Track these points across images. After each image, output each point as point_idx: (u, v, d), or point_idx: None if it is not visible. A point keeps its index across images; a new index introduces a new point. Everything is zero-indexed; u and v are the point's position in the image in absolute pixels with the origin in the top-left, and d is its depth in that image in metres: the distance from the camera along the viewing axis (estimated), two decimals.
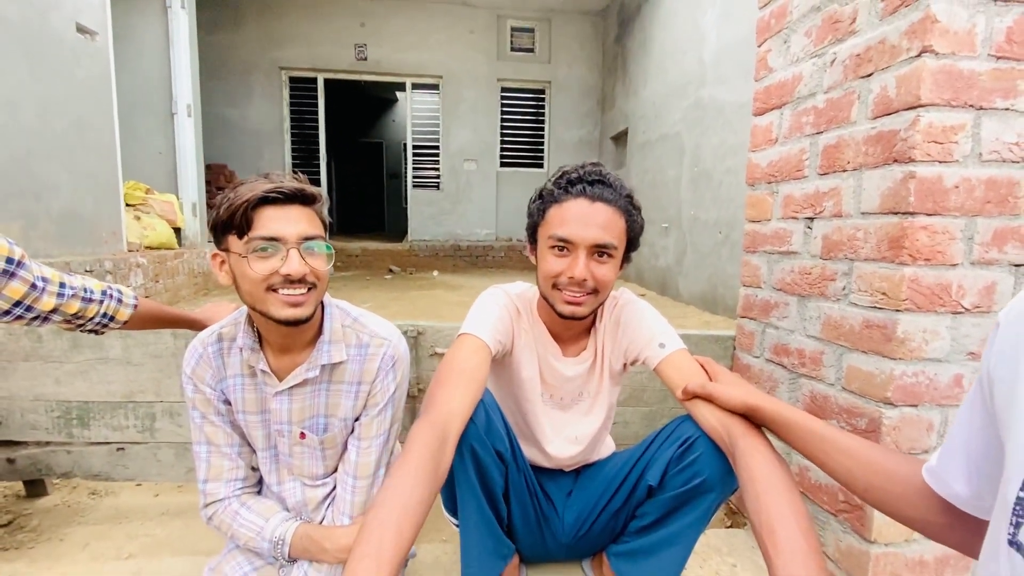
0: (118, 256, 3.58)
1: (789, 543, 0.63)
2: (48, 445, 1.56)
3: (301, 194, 0.84)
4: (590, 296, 0.96)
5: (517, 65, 7.91)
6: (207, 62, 6.36)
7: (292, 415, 0.94)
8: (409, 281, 6.41)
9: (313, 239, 0.84)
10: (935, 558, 1.07)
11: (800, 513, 0.67)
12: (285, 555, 0.93)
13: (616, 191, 0.96)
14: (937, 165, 0.95)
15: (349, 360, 0.93)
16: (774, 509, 0.67)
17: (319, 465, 0.98)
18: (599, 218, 0.93)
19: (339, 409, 0.95)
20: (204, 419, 0.95)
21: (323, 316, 0.94)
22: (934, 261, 0.97)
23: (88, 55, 3.46)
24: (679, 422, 0.98)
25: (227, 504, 0.95)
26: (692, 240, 4.79)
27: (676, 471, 0.94)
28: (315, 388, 0.93)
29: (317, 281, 0.85)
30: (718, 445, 0.87)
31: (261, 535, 0.93)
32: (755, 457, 0.75)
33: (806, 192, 1.23)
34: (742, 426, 0.82)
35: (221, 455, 0.96)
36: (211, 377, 0.94)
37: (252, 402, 0.95)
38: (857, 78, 1.07)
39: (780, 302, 1.32)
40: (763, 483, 0.70)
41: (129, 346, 1.50)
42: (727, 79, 4.19)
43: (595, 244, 0.93)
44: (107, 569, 1.30)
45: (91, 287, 1.11)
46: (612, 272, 0.96)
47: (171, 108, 4.97)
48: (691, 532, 0.98)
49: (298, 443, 0.95)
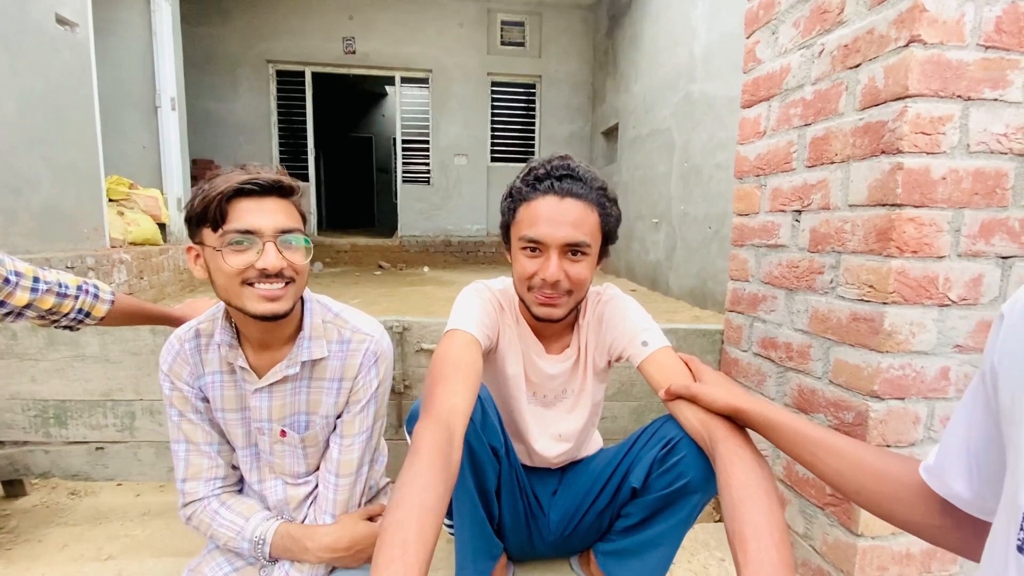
0: (100, 252, 3.52)
1: (759, 554, 0.61)
2: (25, 444, 1.52)
3: (278, 186, 0.82)
4: (565, 297, 0.93)
5: (507, 59, 7.87)
6: (192, 55, 6.26)
7: (272, 412, 0.92)
8: (399, 277, 6.37)
9: (291, 232, 0.82)
10: (921, 551, 1.07)
11: (775, 524, 0.64)
12: (266, 555, 0.91)
13: (586, 184, 0.91)
14: (925, 156, 0.94)
15: (330, 356, 0.91)
16: (748, 518, 0.65)
17: (300, 463, 0.96)
18: (570, 216, 0.89)
19: (320, 407, 0.93)
20: (182, 417, 0.93)
21: (303, 312, 0.91)
22: (921, 253, 0.97)
23: (69, 47, 3.39)
24: (662, 422, 0.97)
25: (206, 503, 0.93)
26: (682, 235, 4.80)
27: (659, 473, 0.92)
28: (296, 385, 0.91)
29: (295, 275, 0.83)
30: (701, 447, 0.85)
31: (241, 535, 0.91)
32: (734, 463, 0.72)
33: (794, 185, 1.22)
34: (724, 429, 0.79)
35: (200, 454, 0.94)
36: (188, 374, 0.92)
37: (231, 399, 0.93)
38: (845, 69, 1.06)
39: (768, 295, 1.32)
40: (739, 491, 0.68)
41: (107, 343, 1.47)
42: (717, 73, 4.19)
43: (567, 243, 0.90)
44: (87, 570, 1.27)
45: (66, 282, 1.07)
46: (587, 270, 0.93)
47: (155, 101, 4.89)
48: (676, 532, 0.97)
49: (279, 441, 0.93)
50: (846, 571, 1.08)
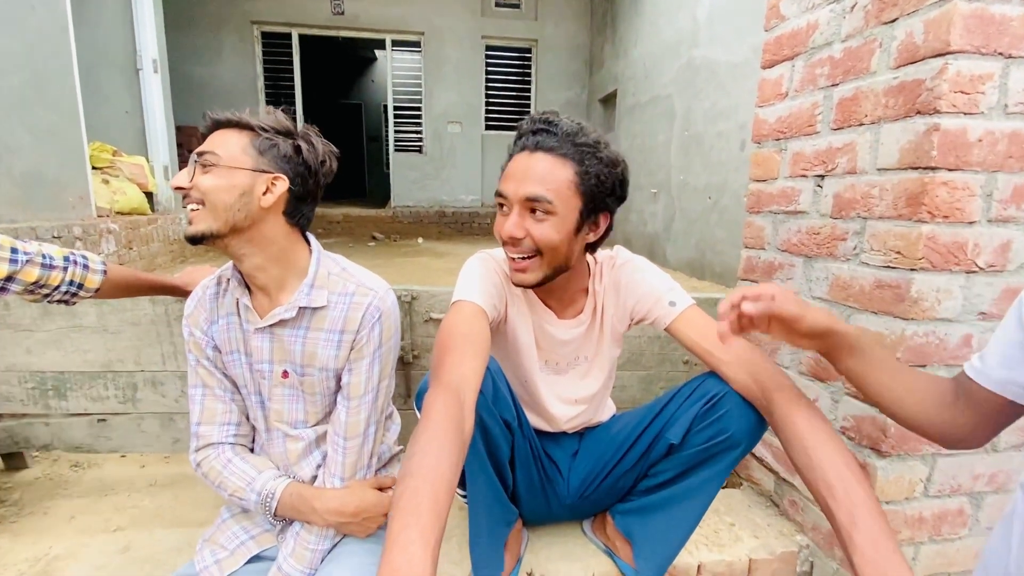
0: (87, 222, 3.41)
1: (848, 496, 0.64)
2: (24, 417, 1.49)
3: (225, 121, 0.86)
4: (535, 260, 0.89)
5: (502, 22, 7.61)
6: (173, 15, 5.97)
7: (273, 354, 0.92)
8: (393, 248, 6.29)
9: (204, 154, 0.84)
10: (933, 515, 1.09)
11: (851, 463, 0.69)
12: (272, 510, 0.91)
13: (560, 138, 0.85)
14: (962, 117, 0.91)
15: (331, 307, 0.90)
16: (827, 462, 0.69)
17: (299, 408, 0.95)
18: (535, 170, 0.85)
19: (316, 359, 0.91)
20: (198, 362, 0.96)
21: (310, 260, 0.92)
22: (952, 218, 0.94)
23: (43, 4, 3.20)
24: (702, 379, 0.95)
25: (220, 450, 0.94)
26: (681, 206, 4.75)
27: (701, 427, 0.92)
28: (293, 332, 0.91)
29: (202, 197, 0.83)
30: (751, 402, 0.86)
31: (251, 486, 0.91)
32: (798, 410, 0.75)
33: (817, 148, 1.18)
34: (779, 378, 0.81)
35: (215, 398, 0.96)
36: (204, 320, 0.94)
37: (237, 341, 0.94)
38: (880, 24, 1.01)
39: (785, 263, 1.30)
40: (810, 437, 0.72)
41: (104, 313, 1.42)
42: (721, 38, 4.07)
43: (526, 197, 0.85)
44: (95, 542, 1.26)
45: (50, 253, 1.02)
46: (553, 231, 0.86)
47: (136, 63, 4.67)
48: (710, 485, 0.97)
49: (279, 384, 0.93)
50: None
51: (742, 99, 3.75)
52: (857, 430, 1.08)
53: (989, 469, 1.08)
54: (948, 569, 1.12)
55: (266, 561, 0.95)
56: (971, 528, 1.11)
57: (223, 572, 0.91)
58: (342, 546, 0.93)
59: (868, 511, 0.62)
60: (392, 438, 1.09)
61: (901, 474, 1.04)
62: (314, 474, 0.97)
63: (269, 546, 0.96)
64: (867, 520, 0.62)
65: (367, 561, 0.90)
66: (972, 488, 1.09)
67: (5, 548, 1.23)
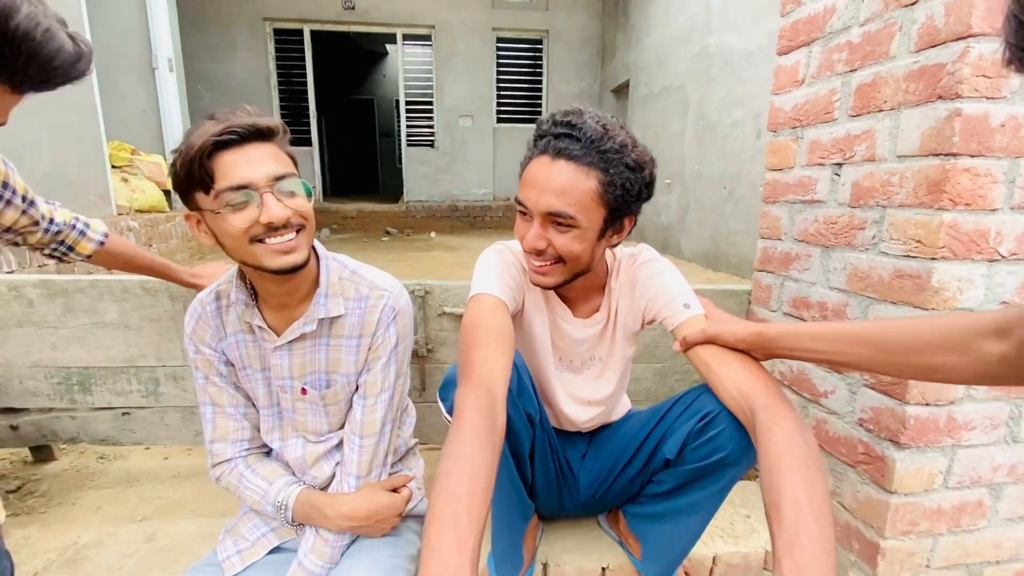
0: (108, 219, 3.49)
1: (795, 526, 0.57)
2: (51, 411, 1.53)
3: (255, 130, 0.75)
4: (558, 265, 0.87)
5: (513, 13, 7.57)
6: (186, 14, 6.03)
7: (293, 370, 0.91)
8: (407, 243, 6.33)
9: (285, 177, 0.77)
10: (952, 506, 1.07)
11: (815, 493, 0.61)
12: (288, 519, 0.92)
13: (584, 144, 0.80)
14: (984, 102, 0.88)
15: (348, 313, 0.89)
16: (785, 488, 0.61)
17: (323, 421, 0.95)
18: (556, 181, 0.81)
19: (340, 365, 0.91)
20: (207, 380, 0.93)
21: (319, 269, 0.89)
22: (974, 206, 0.92)
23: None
24: (697, 394, 0.93)
25: (233, 466, 0.95)
26: (695, 196, 4.70)
27: (695, 446, 0.90)
28: (315, 343, 0.90)
29: (304, 222, 0.79)
30: (739, 419, 0.82)
31: (265, 499, 0.92)
32: (773, 431, 0.69)
33: (835, 136, 1.16)
34: (764, 396, 0.75)
35: (226, 416, 0.94)
36: (211, 337, 0.91)
37: (254, 359, 0.92)
38: (899, 7, 0.98)
39: (802, 253, 1.28)
40: (777, 459, 0.65)
41: (126, 311, 1.45)
42: (735, 25, 4.00)
43: (548, 212, 0.82)
44: (122, 531, 1.30)
45: (56, 218, 1.16)
46: (577, 242, 0.84)
47: (151, 63, 4.74)
48: (711, 501, 0.96)
49: (300, 399, 0.93)
50: (876, 527, 1.08)
51: (757, 87, 3.68)
52: (875, 422, 1.07)
53: (1010, 460, 1.06)
54: (966, 560, 1.11)
55: (286, 552, 0.96)
56: (990, 519, 1.09)
57: (244, 562, 0.93)
58: (361, 540, 0.95)
59: (810, 542, 0.56)
60: (408, 431, 1.09)
61: (920, 466, 1.03)
62: (332, 472, 0.97)
63: (289, 538, 0.97)
64: (804, 553, 0.55)
65: (385, 554, 0.91)
66: (992, 479, 1.07)
67: (35, 537, 1.27)
